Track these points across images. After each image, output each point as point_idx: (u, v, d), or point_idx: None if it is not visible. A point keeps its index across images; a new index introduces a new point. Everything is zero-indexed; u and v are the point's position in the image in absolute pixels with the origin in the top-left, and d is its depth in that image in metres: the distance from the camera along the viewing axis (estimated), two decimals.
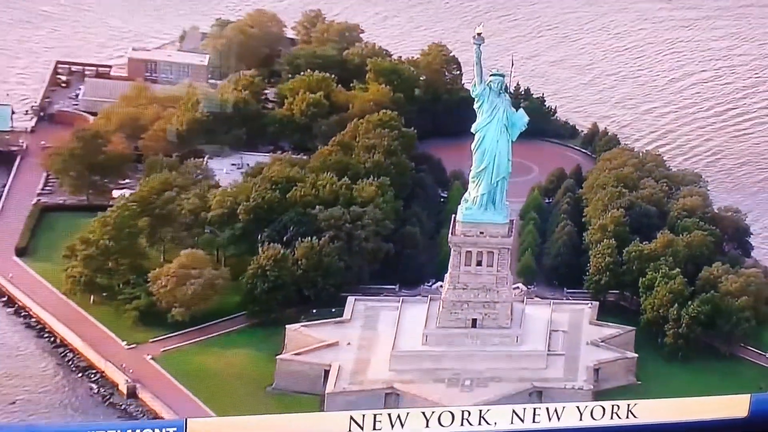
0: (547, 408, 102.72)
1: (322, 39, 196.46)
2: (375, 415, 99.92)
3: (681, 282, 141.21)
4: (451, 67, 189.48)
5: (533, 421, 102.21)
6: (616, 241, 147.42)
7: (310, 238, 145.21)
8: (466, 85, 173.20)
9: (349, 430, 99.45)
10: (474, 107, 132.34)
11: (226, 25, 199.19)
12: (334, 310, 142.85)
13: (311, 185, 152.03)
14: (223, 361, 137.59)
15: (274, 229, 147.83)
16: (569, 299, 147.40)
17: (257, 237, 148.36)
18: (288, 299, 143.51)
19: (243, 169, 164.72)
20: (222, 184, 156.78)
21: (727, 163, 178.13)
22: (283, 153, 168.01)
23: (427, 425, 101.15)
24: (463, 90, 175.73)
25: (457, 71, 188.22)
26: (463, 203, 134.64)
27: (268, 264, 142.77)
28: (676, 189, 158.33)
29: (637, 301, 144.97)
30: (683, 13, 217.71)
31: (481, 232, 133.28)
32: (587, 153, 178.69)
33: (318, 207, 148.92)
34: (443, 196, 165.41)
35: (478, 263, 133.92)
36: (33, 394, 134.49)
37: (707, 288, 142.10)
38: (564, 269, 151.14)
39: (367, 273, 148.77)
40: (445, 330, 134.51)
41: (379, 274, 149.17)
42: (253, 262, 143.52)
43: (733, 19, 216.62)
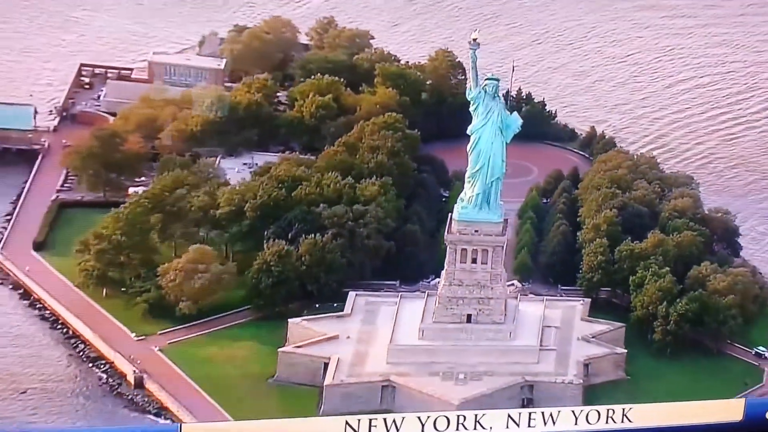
0: (542, 412, 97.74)
1: (333, 44, 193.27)
2: (370, 420, 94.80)
3: (670, 280, 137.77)
4: (456, 72, 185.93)
5: (528, 426, 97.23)
6: (609, 241, 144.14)
7: (313, 235, 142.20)
8: None
9: None
10: (470, 110, 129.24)
11: (243, 30, 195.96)
12: (336, 304, 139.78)
13: (316, 184, 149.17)
14: (228, 353, 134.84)
15: (279, 226, 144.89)
16: (563, 296, 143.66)
17: (264, 233, 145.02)
18: (292, 294, 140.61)
19: (254, 169, 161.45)
20: (233, 183, 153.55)
21: (719, 166, 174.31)
22: (292, 153, 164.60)
23: (423, 429, 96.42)
24: None
25: (462, 76, 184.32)
26: (459, 202, 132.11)
27: (272, 259, 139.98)
28: (669, 191, 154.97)
29: (628, 298, 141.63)
30: (680, 21, 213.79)
31: (476, 231, 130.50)
32: (585, 155, 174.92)
33: (322, 205, 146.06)
34: (445, 195, 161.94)
35: (473, 260, 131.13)
36: (46, 383, 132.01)
37: (696, 286, 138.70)
38: (559, 267, 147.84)
39: (369, 269, 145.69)
40: (440, 325, 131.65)
41: (381, 271, 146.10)
42: (259, 258, 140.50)
43: (727, 27, 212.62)
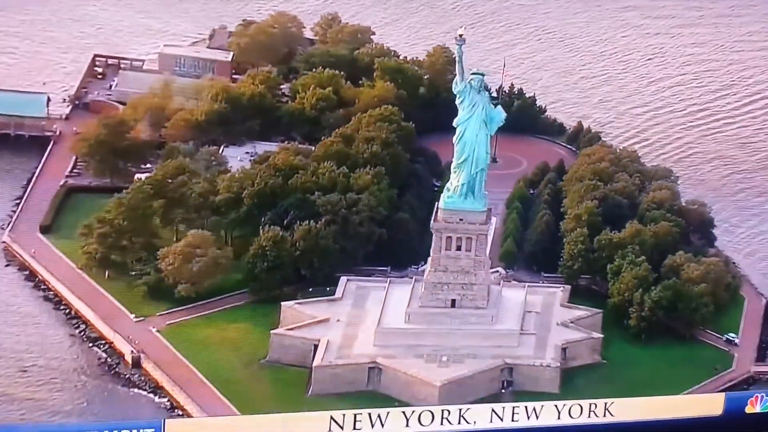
0: (525, 406, 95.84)
1: (336, 39, 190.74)
2: (355, 415, 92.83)
3: (645, 269, 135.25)
4: (452, 67, 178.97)
5: (512, 420, 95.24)
6: (589, 230, 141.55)
7: (308, 221, 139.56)
8: None
9: (329, 430, 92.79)
10: (456, 103, 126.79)
11: (251, 25, 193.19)
12: (329, 288, 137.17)
13: (312, 173, 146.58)
14: (223, 335, 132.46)
15: (275, 213, 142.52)
16: (545, 283, 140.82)
17: (261, 220, 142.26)
18: (286, 278, 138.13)
19: (255, 158, 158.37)
20: (234, 171, 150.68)
21: (696, 160, 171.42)
22: (293, 143, 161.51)
23: (407, 425, 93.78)
24: None
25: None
26: (445, 192, 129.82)
27: (268, 245, 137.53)
28: (648, 183, 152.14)
29: (607, 285, 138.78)
30: (663, 22, 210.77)
31: (461, 219, 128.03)
32: (572, 149, 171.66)
33: (317, 193, 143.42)
34: (437, 185, 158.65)
35: (458, 248, 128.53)
36: (48, 360, 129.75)
37: (670, 275, 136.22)
38: (542, 255, 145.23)
39: (361, 255, 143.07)
40: (426, 309, 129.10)
41: (373, 257, 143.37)
42: (255, 243, 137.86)
43: (708, 27, 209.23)
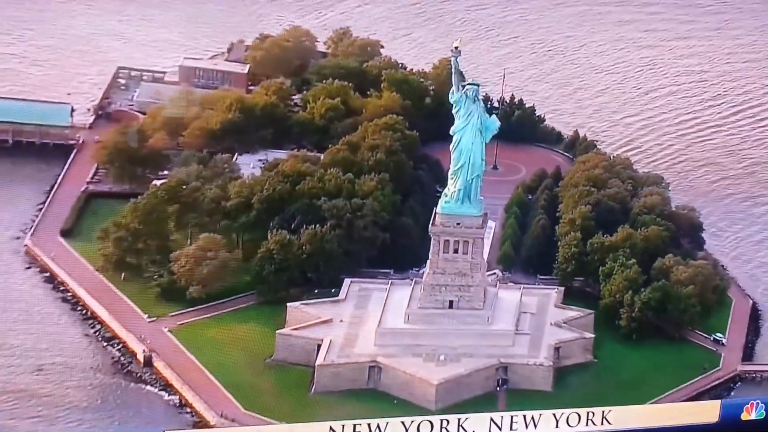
0: (524, 415, 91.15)
1: (347, 53, 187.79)
2: (354, 426, 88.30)
3: (636, 271, 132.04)
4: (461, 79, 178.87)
5: (510, 429, 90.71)
6: (583, 234, 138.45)
7: (314, 225, 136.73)
8: None
9: None
10: (453, 112, 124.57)
11: (266, 39, 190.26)
12: (334, 290, 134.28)
13: (318, 179, 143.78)
14: (232, 335, 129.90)
15: (283, 218, 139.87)
16: (540, 285, 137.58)
17: (270, 224, 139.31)
18: (293, 280, 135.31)
19: (265, 165, 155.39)
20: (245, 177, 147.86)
21: (687, 167, 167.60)
22: (302, 151, 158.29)
23: None
24: None
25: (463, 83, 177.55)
26: (443, 197, 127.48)
27: (275, 248, 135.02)
28: (640, 189, 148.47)
29: (599, 287, 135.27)
30: (657, 35, 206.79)
31: (458, 223, 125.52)
32: (569, 156, 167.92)
33: (323, 198, 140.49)
34: (439, 192, 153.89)
35: (455, 251, 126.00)
36: (65, 358, 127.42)
37: (660, 277, 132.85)
38: (537, 258, 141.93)
39: (365, 258, 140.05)
40: (425, 310, 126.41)
41: (377, 260, 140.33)
42: (263, 247, 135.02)
43: (701, 39, 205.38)
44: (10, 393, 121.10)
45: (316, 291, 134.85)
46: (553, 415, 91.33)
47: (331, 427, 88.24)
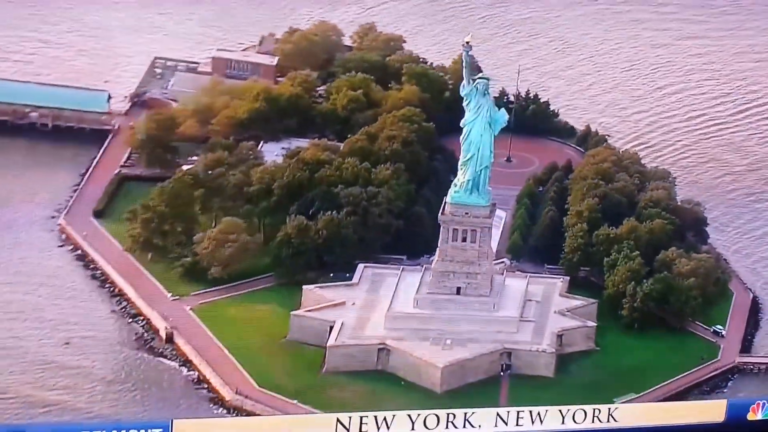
0: (530, 411, 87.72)
1: (371, 47, 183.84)
2: (361, 417, 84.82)
3: (639, 263, 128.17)
4: (475, 74, 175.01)
5: (516, 424, 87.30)
6: (589, 226, 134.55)
7: (331, 212, 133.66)
8: None
9: None
10: (463, 105, 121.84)
11: (295, 32, 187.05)
12: (348, 274, 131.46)
13: (336, 167, 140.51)
14: (250, 315, 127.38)
15: (302, 203, 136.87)
16: (547, 274, 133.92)
17: (289, 209, 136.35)
18: (309, 264, 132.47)
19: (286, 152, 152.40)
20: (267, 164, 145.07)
21: (693, 162, 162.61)
22: (323, 140, 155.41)
23: (413, 428, 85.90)
24: None
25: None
26: (453, 187, 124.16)
27: (293, 233, 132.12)
28: (647, 183, 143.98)
29: (604, 278, 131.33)
30: (670, 33, 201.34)
31: (466, 213, 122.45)
32: (581, 150, 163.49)
33: (340, 186, 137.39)
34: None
35: (464, 239, 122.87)
36: (92, 332, 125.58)
37: (662, 269, 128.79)
38: (545, 248, 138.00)
39: (379, 244, 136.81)
40: (433, 296, 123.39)
41: (390, 246, 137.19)
42: (281, 231, 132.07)
43: (713, 39, 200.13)
44: (39, 364, 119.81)
45: (332, 275, 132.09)
46: (560, 411, 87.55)
47: (338, 419, 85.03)
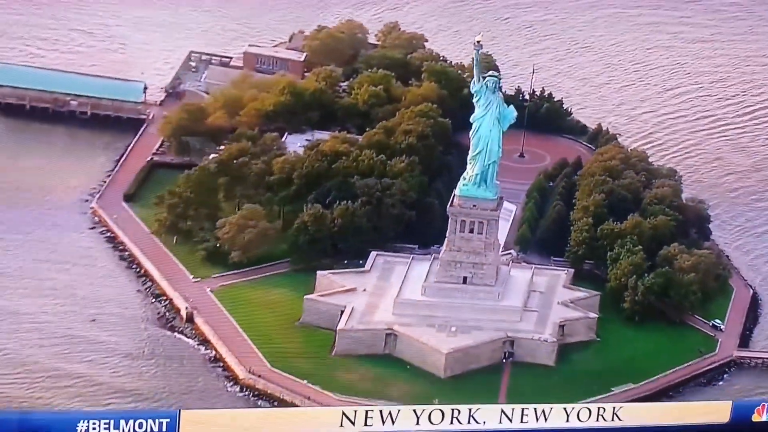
0: (534, 408, 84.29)
1: (394, 45, 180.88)
2: (366, 411, 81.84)
3: (641, 257, 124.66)
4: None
5: (521, 421, 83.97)
6: (595, 220, 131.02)
7: (346, 201, 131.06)
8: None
9: (341, 425, 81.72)
10: (473, 101, 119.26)
11: (323, 30, 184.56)
12: (361, 261, 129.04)
13: (353, 159, 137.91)
14: (266, 298, 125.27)
15: (320, 193, 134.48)
16: (553, 266, 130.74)
17: (307, 198, 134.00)
18: (324, 251, 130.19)
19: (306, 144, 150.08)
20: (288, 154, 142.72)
21: (699, 161, 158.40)
22: (344, 132, 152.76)
23: (417, 422, 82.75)
24: None
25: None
26: (462, 180, 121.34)
27: (309, 221, 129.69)
28: (653, 181, 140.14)
29: (607, 271, 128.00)
30: (682, 36, 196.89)
31: (474, 205, 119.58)
32: (591, 147, 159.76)
33: (356, 177, 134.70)
34: None
35: (471, 231, 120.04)
36: (118, 310, 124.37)
37: (664, 264, 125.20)
38: (552, 241, 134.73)
39: (392, 234, 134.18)
40: (440, 284, 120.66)
41: (403, 236, 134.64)
42: (298, 219, 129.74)
43: (724, 42, 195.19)
44: (68, 338, 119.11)
45: (345, 262, 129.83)
46: (564, 409, 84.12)
47: (343, 412, 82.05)
